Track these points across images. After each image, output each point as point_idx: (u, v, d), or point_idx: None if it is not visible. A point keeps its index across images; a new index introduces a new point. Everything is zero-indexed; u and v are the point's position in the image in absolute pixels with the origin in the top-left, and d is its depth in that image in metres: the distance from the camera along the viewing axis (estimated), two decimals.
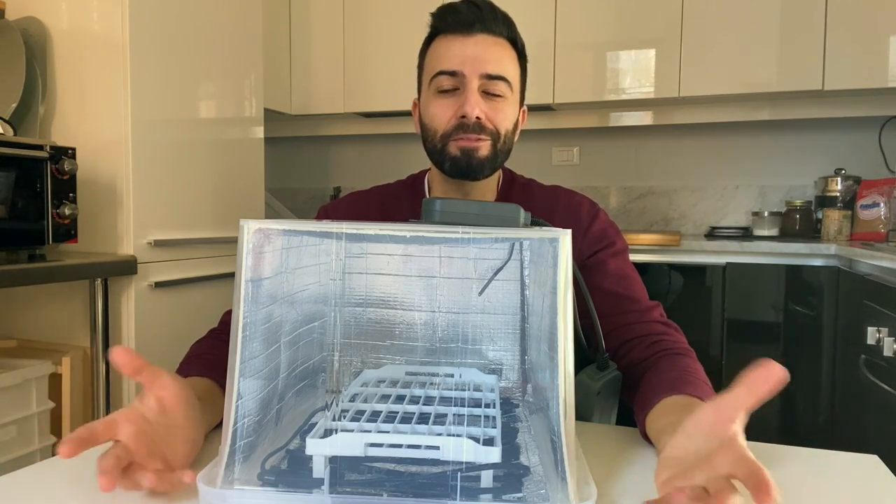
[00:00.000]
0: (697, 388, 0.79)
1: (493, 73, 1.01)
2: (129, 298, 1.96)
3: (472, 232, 0.54)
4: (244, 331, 0.54)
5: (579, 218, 1.10)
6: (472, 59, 1.01)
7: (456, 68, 1.01)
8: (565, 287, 0.55)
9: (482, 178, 1.05)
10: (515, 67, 1.06)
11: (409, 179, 1.20)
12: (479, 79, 1.01)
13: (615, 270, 1.06)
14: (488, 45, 1.02)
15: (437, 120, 1.04)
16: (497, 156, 1.04)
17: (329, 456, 0.56)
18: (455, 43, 1.02)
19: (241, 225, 0.55)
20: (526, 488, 0.57)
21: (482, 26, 1.01)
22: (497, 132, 1.03)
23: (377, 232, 0.56)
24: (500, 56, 1.03)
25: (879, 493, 0.66)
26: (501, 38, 1.04)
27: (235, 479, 0.55)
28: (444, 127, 1.03)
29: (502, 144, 1.04)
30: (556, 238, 0.56)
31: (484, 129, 1.02)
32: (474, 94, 1.00)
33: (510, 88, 1.04)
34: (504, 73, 1.02)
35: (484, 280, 0.68)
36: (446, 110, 1.03)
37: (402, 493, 0.54)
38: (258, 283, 0.56)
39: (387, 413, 0.62)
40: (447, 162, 1.04)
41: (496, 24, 1.03)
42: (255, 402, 0.57)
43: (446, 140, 1.03)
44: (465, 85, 1.01)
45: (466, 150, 1.02)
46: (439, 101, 1.03)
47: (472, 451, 0.55)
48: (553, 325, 0.56)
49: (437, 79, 1.03)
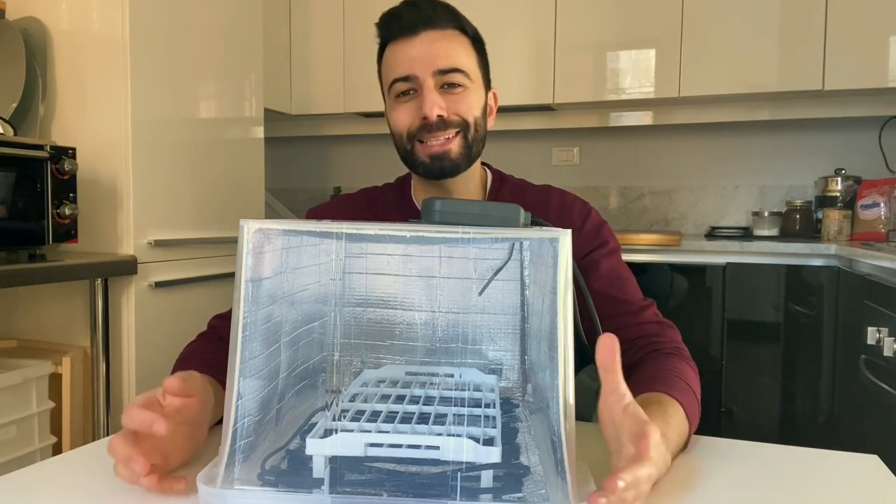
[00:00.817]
0: (669, 383, 0.80)
1: (444, 68, 1.01)
2: (129, 298, 1.96)
3: (473, 232, 0.54)
4: (244, 331, 0.54)
5: (572, 217, 1.11)
6: (420, 59, 1.01)
7: (408, 72, 1.02)
8: (565, 287, 0.55)
9: (458, 173, 1.06)
10: (470, 54, 1.06)
11: (396, 181, 1.21)
12: (432, 77, 1.01)
13: (608, 271, 1.06)
14: (435, 41, 1.02)
15: (400, 124, 1.05)
16: (471, 146, 1.05)
17: (329, 456, 0.56)
18: (403, 47, 1.03)
19: (241, 225, 0.55)
20: (526, 488, 0.57)
21: (425, 24, 1.02)
22: (465, 122, 1.03)
23: (377, 232, 0.56)
24: (449, 48, 1.03)
25: (879, 493, 0.66)
26: (448, 30, 1.04)
27: (235, 479, 0.55)
28: (408, 128, 1.04)
29: (474, 133, 1.05)
30: (556, 238, 0.56)
31: (449, 124, 1.02)
32: (431, 92, 1.01)
33: (468, 77, 1.04)
34: (456, 64, 1.02)
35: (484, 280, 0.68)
36: (407, 114, 1.04)
37: (402, 493, 0.54)
38: (258, 283, 0.56)
39: (387, 413, 0.62)
40: (419, 167, 1.05)
41: (438, 18, 1.03)
42: (255, 402, 0.57)
43: (413, 142, 1.04)
44: (420, 86, 1.02)
45: (435, 155, 1.02)
46: (399, 107, 1.05)
47: (472, 451, 0.55)
48: (553, 325, 0.56)
49: (394, 86, 1.04)
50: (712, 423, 2.37)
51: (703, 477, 0.69)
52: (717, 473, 0.70)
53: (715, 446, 0.79)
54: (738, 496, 0.64)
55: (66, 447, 1.84)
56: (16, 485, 0.64)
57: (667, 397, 0.77)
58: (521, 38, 2.87)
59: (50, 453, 1.80)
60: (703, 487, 0.66)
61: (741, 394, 2.40)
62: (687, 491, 0.65)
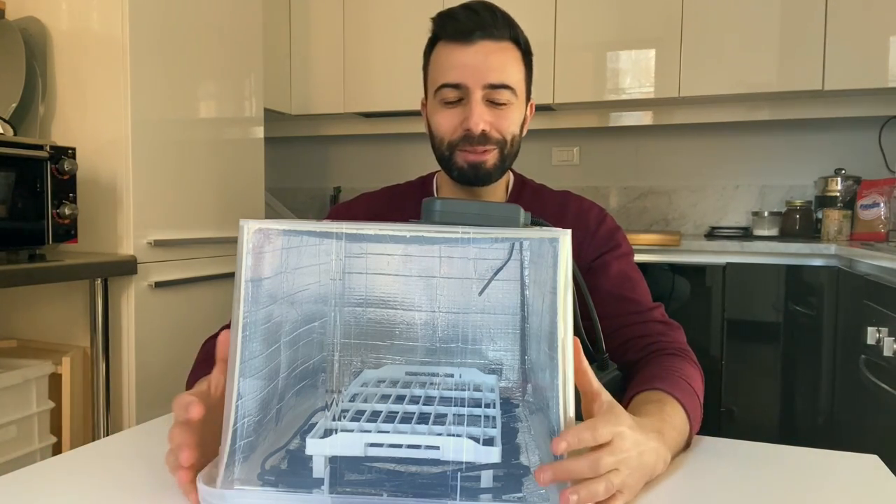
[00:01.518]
0: (669, 381, 0.81)
1: (496, 83, 1.00)
2: (129, 298, 1.96)
3: (473, 232, 0.54)
4: (244, 331, 0.54)
5: (588, 223, 1.11)
6: (473, 69, 1.00)
7: (458, 80, 1.00)
8: (565, 287, 0.55)
9: (490, 183, 1.06)
10: (520, 69, 1.05)
11: (418, 180, 1.21)
12: (482, 89, 1.00)
13: (618, 272, 1.06)
14: (489, 53, 1.01)
15: (442, 129, 1.04)
16: (505, 161, 1.05)
17: (329, 456, 0.56)
18: (455, 52, 1.01)
19: (241, 225, 0.55)
20: (526, 488, 0.57)
21: (482, 33, 1.00)
22: (504, 140, 1.03)
23: (377, 232, 0.56)
24: (502, 62, 1.02)
25: (879, 493, 0.66)
26: (503, 42, 1.02)
27: (235, 479, 0.55)
28: (450, 137, 1.03)
29: (510, 149, 1.05)
30: (556, 238, 0.56)
31: (489, 140, 1.02)
32: (478, 105, 1.00)
33: (514, 94, 1.03)
34: (507, 80, 1.01)
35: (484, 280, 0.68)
36: (451, 121, 1.03)
37: (402, 493, 0.54)
38: (258, 283, 0.56)
39: (387, 413, 0.62)
40: (455, 171, 1.05)
41: (496, 28, 1.01)
42: (255, 402, 0.57)
43: (453, 149, 1.04)
44: (468, 96, 1.01)
45: (473, 164, 1.03)
46: (444, 112, 1.03)
47: (472, 451, 0.55)
48: (553, 325, 0.56)
49: (441, 91, 1.02)
50: (712, 423, 2.37)
51: (703, 477, 0.69)
52: (717, 473, 0.70)
53: (715, 446, 0.79)
54: (739, 496, 0.64)
55: (66, 447, 1.84)
56: (16, 485, 0.64)
57: (667, 396, 0.77)
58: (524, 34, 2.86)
59: (50, 453, 1.81)
60: (703, 487, 0.66)
61: (741, 394, 2.40)
62: (687, 491, 0.65)
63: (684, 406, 0.76)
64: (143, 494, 0.61)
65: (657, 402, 0.75)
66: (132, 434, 0.83)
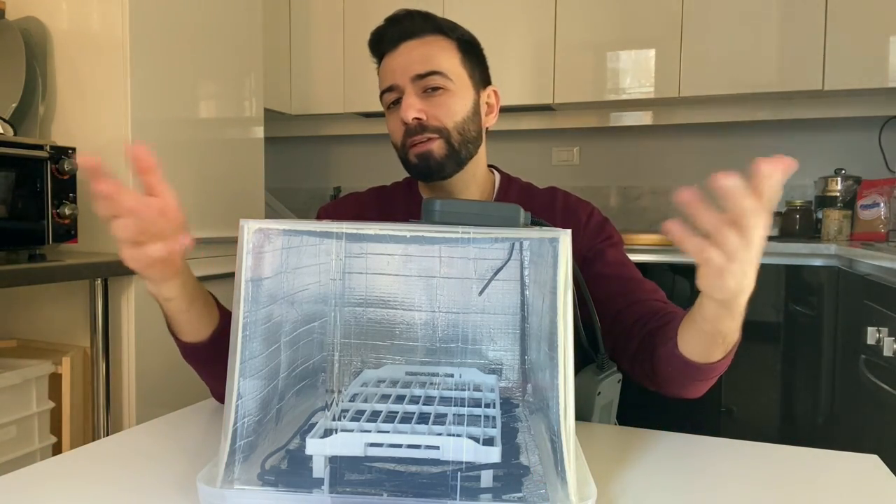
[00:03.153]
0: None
1: (421, 72, 1.03)
2: (129, 298, 1.96)
3: (473, 232, 0.54)
4: (244, 331, 0.54)
5: (577, 216, 1.12)
6: (400, 68, 1.05)
7: (390, 82, 1.06)
8: (565, 287, 0.55)
9: (448, 176, 1.07)
10: (451, 55, 1.07)
11: (404, 181, 1.22)
12: (412, 82, 1.04)
13: (614, 258, 1.08)
14: (413, 49, 1.05)
15: (394, 133, 1.08)
16: (457, 150, 1.05)
17: (329, 456, 0.56)
18: (387, 61, 1.07)
19: (241, 225, 0.55)
20: (526, 488, 0.57)
21: (405, 36, 1.05)
22: (444, 127, 1.04)
23: (377, 232, 0.55)
24: (426, 53, 1.05)
25: (879, 493, 0.66)
26: (426, 37, 1.06)
27: (235, 479, 0.55)
28: (399, 137, 1.07)
29: (458, 137, 1.05)
30: (556, 238, 0.56)
31: (427, 128, 1.03)
32: (408, 97, 1.03)
33: (447, 78, 1.05)
34: (433, 66, 1.04)
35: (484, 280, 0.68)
36: (396, 122, 1.07)
37: (402, 493, 0.54)
38: (258, 283, 0.56)
39: (387, 413, 0.62)
40: (412, 169, 1.08)
41: (416, 27, 1.06)
42: (255, 401, 0.57)
43: (406, 150, 1.06)
44: (403, 94, 1.04)
45: (420, 154, 1.04)
46: (391, 116, 1.08)
47: (472, 451, 0.55)
48: (553, 325, 0.56)
49: (384, 98, 1.08)
50: (712, 423, 2.37)
51: (704, 477, 0.69)
52: (717, 473, 0.70)
53: (715, 446, 0.79)
54: (738, 496, 0.64)
55: (66, 447, 1.84)
56: (16, 485, 0.64)
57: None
58: (521, 38, 2.87)
59: (50, 453, 1.80)
60: (704, 487, 0.66)
61: (741, 394, 2.40)
62: (687, 491, 0.65)
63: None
64: (144, 494, 0.61)
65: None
66: (132, 434, 0.83)
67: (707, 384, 0.83)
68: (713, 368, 0.79)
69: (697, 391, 0.85)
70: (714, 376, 0.81)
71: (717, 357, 0.77)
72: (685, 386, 0.84)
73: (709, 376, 0.81)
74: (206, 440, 0.76)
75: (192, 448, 0.73)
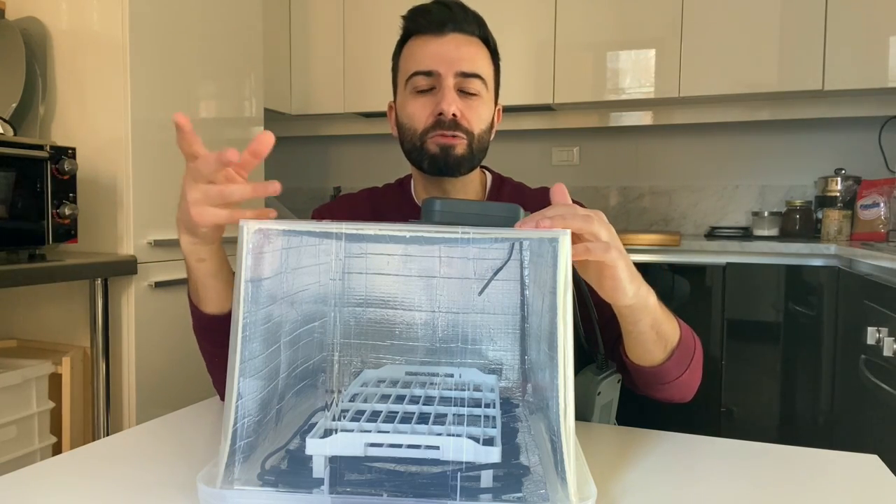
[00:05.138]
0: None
1: (468, 71, 1.02)
2: (129, 298, 1.96)
3: (472, 232, 0.54)
4: (244, 331, 0.54)
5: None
6: (446, 58, 1.02)
7: (431, 67, 1.02)
8: (565, 287, 0.55)
9: (459, 175, 1.06)
10: (489, 66, 1.07)
11: (396, 182, 1.22)
12: (454, 77, 1.02)
13: None
14: (461, 44, 1.03)
15: (415, 118, 1.04)
16: (473, 155, 1.05)
17: (329, 456, 0.56)
18: (429, 43, 1.03)
19: (240, 225, 0.55)
20: (526, 488, 0.57)
21: (454, 26, 1.03)
22: (472, 132, 1.04)
23: (377, 232, 0.55)
24: (474, 54, 1.04)
25: (879, 493, 0.66)
26: (474, 37, 1.05)
27: (235, 479, 0.55)
28: (423, 125, 1.04)
29: (477, 144, 1.05)
30: (556, 238, 0.56)
31: (459, 127, 1.02)
32: (450, 91, 1.01)
33: (485, 86, 1.05)
34: (479, 70, 1.03)
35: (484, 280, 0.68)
36: (423, 109, 1.03)
37: (402, 493, 0.54)
38: (258, 284, 0.56)
39: (387, 413, 0.62)
40: (426, 159, 1.05)
41: (468, 23, 1.04)
42: (255, 402, 0.57)
43: (424, 137, 1.04)
44: (440, 83, 1.02)
45: (444, 147, 1.02)
46: (416, 101, 1.04)
47: (472, 451, 0.55)
48: (553, 325, 0.56)
49: (414, 79, 1.04)
50: (712, 423, 2.37)
51: (704, 477, 0.69)
52: (717, 473, 0.70)
53: (715, 446, 0.79)
54: (738, 496, 0.64)
55: (66, 447, 1.84)
56: (16, 485, 0.64)
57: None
58: (521, 38, 2.87)
59: (50, 453, 1.80)
60: (703, 487, 0.66)
61: (741, 394, 2.40)
62: (687, 491, 0.65)
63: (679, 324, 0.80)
64: (144, 494, 0.61)
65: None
66: (132, 434, 0.83)
67: (675, 388, 0.84)
68: (664, 371, 0.81)
69: (671, 395, 0.85)
70: (671, 379, 0.82)
71: (661, 358, 0.80)
72: (655, 390, 0.85)
73: (664, 380, 0.82)
74: (206, 440, 0.76)
75: (193, 448, 0.73)
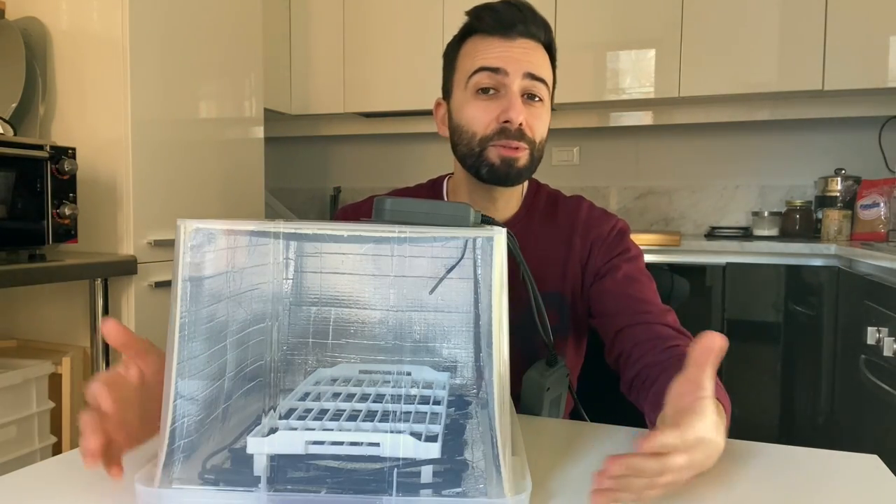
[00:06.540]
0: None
1: (536, 74, 0.98)
2: (129, 298, 1.97)
3: (409, 231, 0.55)
4: (181, 330, 0.55)
5: (600, 228, 1.09)
6: (514, 58, 0.97)
7: (499, 65, 0.97)
8: (500, 284, 0.56)
9: (518, 184, 1.05)
10: (550, 74, 1.03)
11: (427, 183, 1.19)
12: (521, 79, 0.97)
13: (626, 274, 1.04)
14: (530, 49, 0.99)
15: (476, 123, 0.99)
16: (533, 165, 1.02)
17: (270, 454, 0.56)
18: (494, 43, 0.98)
19: (178, 225, 0.55)
20: (465, 483, 0.57)
21: (523, 28, 0.98)
22: (534, 141, 1.00)
23: (316, 231, 0.56)
24: (541, 59, 1.00)
25: (879, 493, 0.65)
26: (541, 44, 1.01)
27: (175, 479, 0.55)
28: (485, 131, 0.99)
29: (537, 153, 1.02)
30: (491, 237, 0.56)
31: (524, 137, 0.98)
32: (517, 97, 0.97)
33: (548, 92, 1.02)
34: (545, 75, 1.00)
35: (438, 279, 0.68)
36: (487, 113, 0.98)
37: (341, 490, 0.55)
38: (198, 283, 0.57)
39: (335, 411, 0.63)
40: (485, 168, 1.00)
41: (536, 27, 0.99)
42: (197, 401, 0.58)
43: (485, 144, 0.99)
44: (506, 86, 0.97)
45: (507, 159, 0.98)
46: (479, 103, 0.99)
47: (412, 448, 0.55)
48: (490, 323, 0.57)
49: (477, 75, 0.98)
50: None
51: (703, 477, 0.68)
52: (716, 473, 0.69)
53: None
54: (738, 496, 0.63)
55: (66, 447, 1.85)
56: (16, 485, 0.64)
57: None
58: None
59: (50, 453, 1.81)
60: (703, 487, 0.65)
61: (741, 394, 2.39)
62: (686, 491, 0.64)
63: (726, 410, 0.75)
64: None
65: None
66: None
67: None
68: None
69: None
70: None
71: None
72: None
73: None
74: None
75: None
